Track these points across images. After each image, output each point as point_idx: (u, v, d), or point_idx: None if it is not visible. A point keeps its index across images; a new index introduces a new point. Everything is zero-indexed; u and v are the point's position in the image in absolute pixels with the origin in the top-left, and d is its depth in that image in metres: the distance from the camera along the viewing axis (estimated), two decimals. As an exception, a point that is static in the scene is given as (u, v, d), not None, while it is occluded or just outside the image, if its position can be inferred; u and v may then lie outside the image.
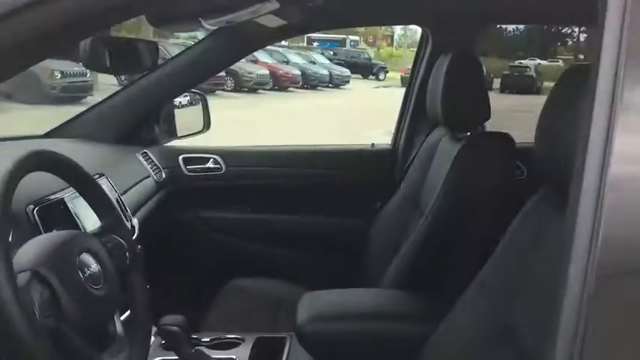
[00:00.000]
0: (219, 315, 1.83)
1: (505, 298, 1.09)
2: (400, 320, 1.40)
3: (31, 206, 1.22)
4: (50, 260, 0.93)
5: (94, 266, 1.01)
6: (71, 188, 1.28)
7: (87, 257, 1.01)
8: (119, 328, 1.07)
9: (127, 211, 1.60)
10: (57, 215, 1.27)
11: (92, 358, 0.96)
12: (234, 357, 1.45)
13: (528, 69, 18.58)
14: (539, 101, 1.05)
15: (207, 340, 1.55)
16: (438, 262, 1.53)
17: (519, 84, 16.67)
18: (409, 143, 2.22)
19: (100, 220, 1.17)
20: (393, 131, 2.33)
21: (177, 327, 1.35)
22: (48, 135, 2.05)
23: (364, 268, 2.03)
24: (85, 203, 1.17)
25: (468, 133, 1.67)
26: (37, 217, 1.21)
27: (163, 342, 1.41)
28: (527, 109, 1.57)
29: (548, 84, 19.69)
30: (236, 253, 2.24)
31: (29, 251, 0.94)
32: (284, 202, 2.27)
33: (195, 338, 1.55)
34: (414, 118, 2.22)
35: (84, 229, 1.31)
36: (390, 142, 2.33)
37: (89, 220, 1.32)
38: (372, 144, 2.33)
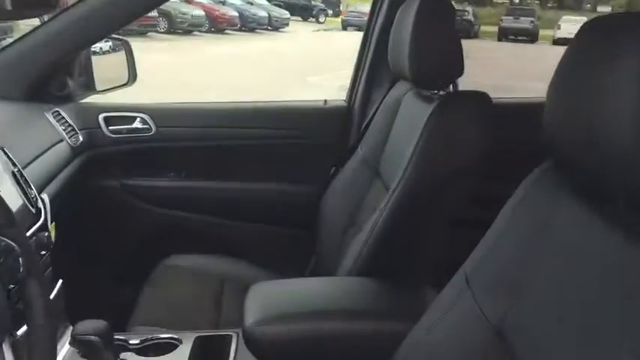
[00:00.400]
0: (153, 302, 1.58)
1: (496, 297, 0.90)
2: (366, 317, 1.19)
3: None
4: None
5: None
6: None
7: None
8: (8, 364, 0.81)
9: (30, 188, 1.30)
10: None
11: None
12: (165, 366, 1.21)
13: (467, 13, 18.48)
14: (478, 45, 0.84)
15: (137, 342, 1.30)
16: (408, 246, 1.32)
17: (458, 28, 16.52)
18: (366, 99, 1.97)
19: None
20: (338, 78, 2.07)
21: (94, 335, 1.10)
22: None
23: (317, 242, 1.81)
24: None
25: (437, 92, 1.44)
26: None
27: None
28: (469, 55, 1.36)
29: (485, 28, 19.89)
30: (171, 226, 1.97)
31: None
32: (225, 167, 2.00)
33: (122, 340, 1.30)
34: (373, 70, 1.96)
35: None
36: (344, 98, 2.07)
37: None
38: (325, 100, 2.07)
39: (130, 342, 1.29)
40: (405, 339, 1.05)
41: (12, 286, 0.88)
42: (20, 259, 0.89)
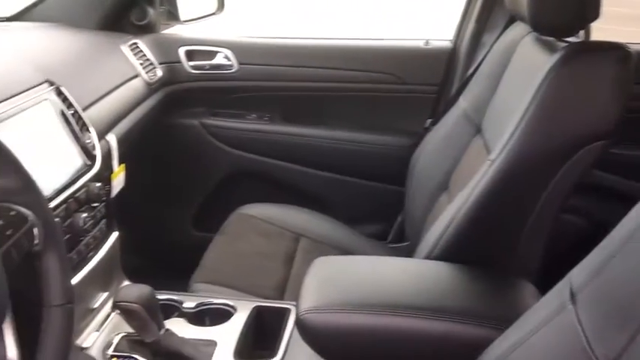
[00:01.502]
0: (221, 255, 1.47)
1: (608, 330, 0.67)
2: (444, 317, 0.98)
3: None
4: None
5: None
6: None
7: None
8: (9, 353, 0.71)
9: (87, 131, 1.20)
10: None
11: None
12: (215, 340, 1.10)
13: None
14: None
15: (191, 305, 1.20)
16: (506, 230, 1.08)
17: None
18: (476, 41, 1.68)
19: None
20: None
21: (136, 303, 1.00)
22: (15, 17, 1.63)
23: (406, 201, 1.61)
24: None
25: (564, 39, 1.15)
26: None
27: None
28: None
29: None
30: (249, 172, 1.84)
31: None
32: (310, 112, 1.82)
33: (177, 302, 1.21)
34: (486, 5, 1.66)
35: None
36: (450, 39, 1.79)
37: None
38: (427, 40, 1.79)
39: (184, 305, 1.20)
40: (486, 347, 0.85)
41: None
42: (35, 229, 0.78)
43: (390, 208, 1.72)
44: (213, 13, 1.86)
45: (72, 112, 1.17)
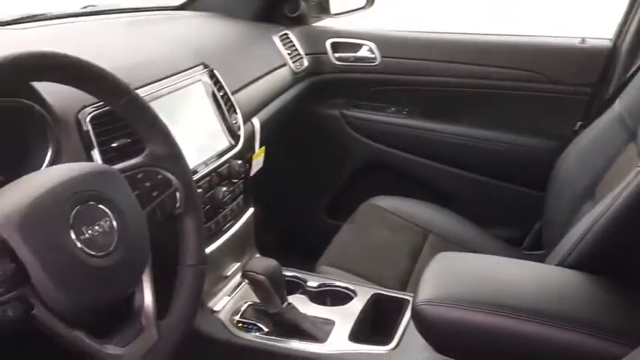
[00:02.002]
0: (348, 243, 1.50)
1: None
2: (573, 328, 0.93)
3: (88, 110, 0.94)
4: (24, 219, 0.64)
5: (104, 223, 0.71)
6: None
7: (93, 209, 0.71)
8: (146, 298, 0.79)
9: (235, 113, 1.29)
10: (118, 125, 0.97)
11: (91, 350, 0.70)
12: (333, 320, 1.13)
13: None
14: None
15: (314, 285, 1.24)
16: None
17: None
18: (639, 40, 1.55)
19: (145, 146, 0.86)
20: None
21: (262, 275, 1.06)
22: (183, 7, 1.79)
23: (545, 209, 1.52)
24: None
25: None
26: (90, 126, 0.94)
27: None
28: None
29: None
30: (383, 164, 1.85)
31: None
32: (451, 108, 1.79)
33: (301, 280, 1.26)
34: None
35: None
36: (610, 37, 1.66)
37: None
38: (583, 38, 1.68)
39: (308, 284, 1.25)
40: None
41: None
42: (178, 194, 0.86)
43: (526, 212, 1.63)
44: (363, 7, 1.90)
45: (222, 94, 1.26)
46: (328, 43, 1.83)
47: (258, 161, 1.45)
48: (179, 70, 1.17)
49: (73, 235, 0.67)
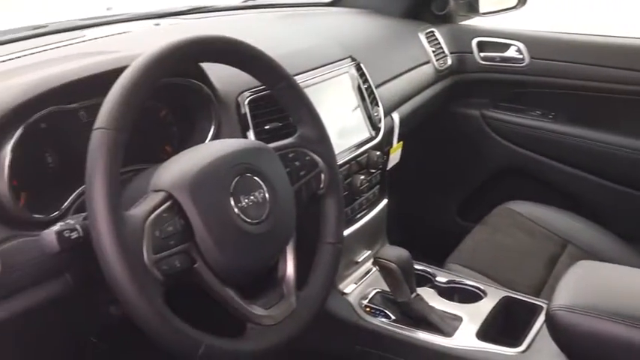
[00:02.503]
0: (481, 245, 1.48)
1: None
2: None
3: (247, 94, 1.03)
4: (194, 182, 0.73)
5: (259, 193, 0.78)
6: None
7: (251, 180, 0.78)
8: (288, 269, 0.85)
9: (377, 106, 1.32)
10: (272, 108, 1.05)
11: (236, 308, 0.77)
12: (461, 316, 1.12)
13: None
14: None
15: (443, 280, 1.25)
16: None
17: None
18: None
19: (297, 128, 0.93)
20: None
21: (393, 263, 1.09)
22: (333, 3, 1.86)
23: None
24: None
25: None
26: (247, 108, 1.02)
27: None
28: None
29: None
30: (522, 169, 1.80)
31: (172, 168, 0.75)
32: (601, 114, 1.69)
33: (430, 274, 1.27)
34: None
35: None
36: None
37: None
38: None
39: (437, 279, 1.25)
40: None
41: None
42: (322, 175, 0.91)
43: None
44: (514, 7, 1.85)
45: (366, 86, 1.30)
46: (474, 42, 1.81)
47: (395, 155, 1.48)
48: (328, 62, 1.23)
49: (232, 202, 0.74)
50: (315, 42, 1.33)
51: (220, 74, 0.99)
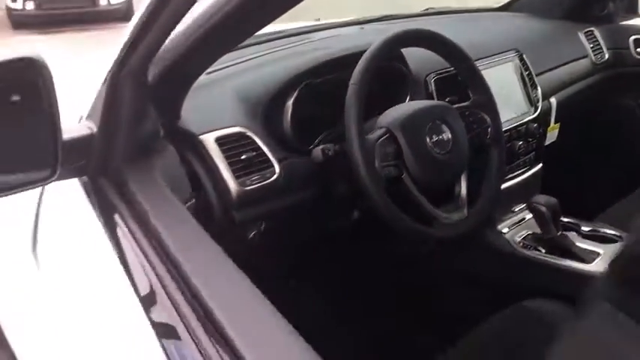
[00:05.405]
0: (634, 206, 1.69)
1: None
2: None
3: (432, 75, 1.42)
4: (403, 123, 1.13)
5: (445, 135, 1.16)
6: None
7: (440, 125, 1.16)
8: (462, 190, 1.22)
9: (535, 89, 1.63)
10: (450, 86, 1.42)
11: (426, 208, 1.15)
12: (600, 252, 1.38)
13: None
14: None
15: (587, 229, 1.51)
16: None
17: None
18: None
19: (471, 95, 1.29)
20: None
21: (545, 208, 1.39)
22: (503, 8, 2.17)
23: None
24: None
25: None
26: (433, 86, 1.41)
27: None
28: None
29: None
30: None
31: (390, 114, 1.16)
32: None
33: (575, 224, 1.53)
34: None
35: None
36: None
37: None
38: None
39: (582, 228, 1.51)
40: None
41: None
42: (489, 130, 1.27)
43: None
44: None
45: (527, 73, 1.62)
46: (631, 39, 2.00)
47: (552, 134, 1.76)
48: (496, 52, 1.58)
49: (427, 139, 1.14)
50: (486, 37, 1.68)
51: (414, 60, 1.39)
